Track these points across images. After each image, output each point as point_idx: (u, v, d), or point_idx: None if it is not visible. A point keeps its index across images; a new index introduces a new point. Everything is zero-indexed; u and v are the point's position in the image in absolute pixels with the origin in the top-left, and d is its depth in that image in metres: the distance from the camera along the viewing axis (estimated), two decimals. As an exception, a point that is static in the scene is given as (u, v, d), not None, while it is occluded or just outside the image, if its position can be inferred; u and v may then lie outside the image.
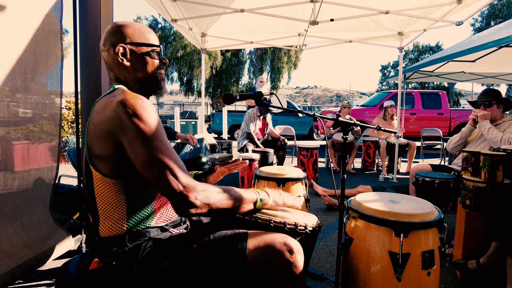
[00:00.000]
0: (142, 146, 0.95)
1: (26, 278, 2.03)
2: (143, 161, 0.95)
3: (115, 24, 1.14)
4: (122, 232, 1.08)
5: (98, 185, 1.07)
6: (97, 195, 1.08)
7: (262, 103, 1.55)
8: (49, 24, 1.77)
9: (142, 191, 1.10)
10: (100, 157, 1.03)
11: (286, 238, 1.13)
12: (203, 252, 1.09)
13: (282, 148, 4.98)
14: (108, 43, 1.13)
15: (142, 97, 1.02)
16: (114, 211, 1.07)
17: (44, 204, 1.85)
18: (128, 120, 0.95)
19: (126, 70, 1.14)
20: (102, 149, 1.02)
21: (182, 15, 4.24)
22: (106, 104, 1.01)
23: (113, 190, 1.06)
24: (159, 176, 0.95)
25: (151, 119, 0.98)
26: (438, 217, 1.44)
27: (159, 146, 0.96)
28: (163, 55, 1.21)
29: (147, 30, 1.17)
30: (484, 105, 2.77)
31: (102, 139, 1.01)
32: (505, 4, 22.55)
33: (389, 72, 38.89)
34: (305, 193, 2.44)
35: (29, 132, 1.72)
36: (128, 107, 0.96)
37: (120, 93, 1.02)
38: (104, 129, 0.99)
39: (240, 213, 1.28)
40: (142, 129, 0.95)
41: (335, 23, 4.30)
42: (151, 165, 0.95)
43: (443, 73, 6.79)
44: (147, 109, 0.98)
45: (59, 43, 1.85)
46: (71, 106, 7.06)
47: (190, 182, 0.98)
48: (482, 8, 3.71)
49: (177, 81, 23.52)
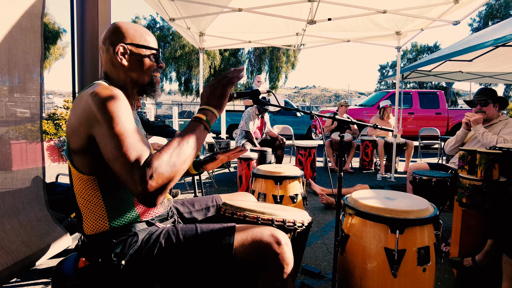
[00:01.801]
0: (110, 137, 0.92)
1: (24, 277, 2.03)
2: (110, 153, 0.91)
3: (117, 23, 1.16)
4: (106, 229, 1.08)
5: (76, 182, 1.07)
6: (76, 193, 1.08)
7: (260, 101, 1.56)
8: (27, 20, 1.71)
9: (119, 186, 1.09)
10: (76, 152, 1.03)
11: (274, 230, 1.14)
12: (190, 246, 1.10)
13: (280, 147, 4.99)
14: (108, 41, 1.14)
15: (116, 90, 1.01)
16: (94, 208, 1.07)
17: (40, 202, 1.85)
18: (98, 111, 0.94)
19: (122, 69, 1.15)
20: (76, 142, 1.01)
21: (180, 14, 4.24)
22: (80, 97, 1.01)
23: (89, 186, 1.06)
24: (120, 170, 0.90)
25: (122, 112, 0.95)
26: (434, 214, 1.45)
27: (126, 140, 0.91)
28: (161, 59, 1.23)
29: (147, 33, 1.19)
30: (480, 104, 2.78)
31: (76, 132, 1.00)
32: (503, 4, 22.60)
33: (387, 72, 38.94)
34: (302, 191, 2.45)
35: (11, 131, 1.71)
36: (100, 98, 0.95)
37: (95, 86, 1.02)
38: (78, 121, 0.99)
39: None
40: (112, 121, 0.93)
41: (332, 22, 4.31)
42: (116, 159, 0.91)
43: (441, 73, 6.81)
44: (118, 102, 0.96)
45: (39, 41, 1.81)
46: (69, 105, 7.06)
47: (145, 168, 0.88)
48: (478, 8, 3.72)
49: (175, 80, 23.48)
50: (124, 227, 1.10)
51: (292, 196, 2.35)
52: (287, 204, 2.31)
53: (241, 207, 1.37)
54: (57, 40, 22.76)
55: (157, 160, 0.90)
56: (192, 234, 1.13)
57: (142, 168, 0.88)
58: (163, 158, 0.91)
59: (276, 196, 2.32)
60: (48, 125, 6.48)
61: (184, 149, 0.96)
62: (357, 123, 1.69)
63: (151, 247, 1.09)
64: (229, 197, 1.64)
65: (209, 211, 1.53)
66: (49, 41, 21.79)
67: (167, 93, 32.05)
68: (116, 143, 0.90)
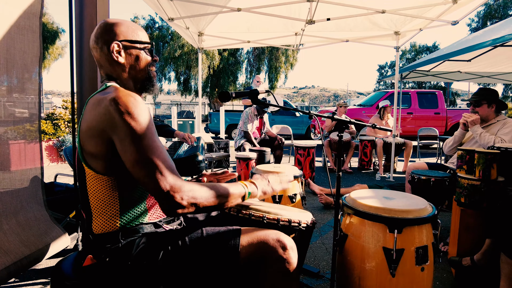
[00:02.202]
0: (132, 144, 0.94)
1: (22, 277, 2.02)
2: (132, 160, 0.95)
3: (106, 22, 1.14)
4: (116, 228, 1.08)
5: (90, 182, 1.07)
6: (89, 192, 1.08)
7: (258, 101, 1.56)
8: (25, 20, 1.71)
9: (136, 188, 1.10)
10: (93, 155, 1.03)
11: (279, 234, 1.13)
12: (196, 248, 1.10)
13: (279, 147, 5.00)
14: (101, 41, 1.13)
15: (134, 95, 1.02)
16: (107, 208, 1.07)
17: (38, 202, 1.85)
18: (119, 118, 0.95)
19: (119, 67, 1.15)
20: (94, 147, 1.02)
21: (179, 14, 4.24)
22: (98, 101, 1.01)
23: (106, 186, 1.06)
24: (146, 176, 0.94)
25: (142, 117, 0.97)
26: (432, 213, 1.45)
27: (149, 145, 0.96)
28: (154, 53, 1.24)
29: (138, 28, 1.19)
30: (473, 105, 2.78)
31: (94, 137, 1.00)
32: (501, 5, 22.65)
33: (386, 72, 38.95)
34: (301, 191, 2.45)
35: (10, 131, 1.71)
36: (120, 104, 0.96)
37: (112, 90, 1.02)
38: (96, 126, 0.99)
39: (229, 208, 1.31)
40: (133, 127, 0.95)
41: (331, 22, 4.32)
42: (139, 164, 0.94)
43: (440, 73, 6.82)
44: (139, 107, 0.98)
45: (37, 40, 1.80)
46: (68, 105, 7.04)
47: (177, 182, 0.96)
48: (477, 8, 3.73)
49: (174, 80, 23.44)
50: (133, 228, 1.10)
51: (291, 196, 2.35)
52: (285, 204, 2.31)
53: (246, 205, 1.37)
54: (55, 40, 22.71)
55: (190, 185, 0.99)
56: (198, 236, 1.13)
57: (177, 186, 0.96)
58: (195, 187, 1.01)
59: (275, 196, 2.32)
60: (46, 125, 6.47)
61: (214, 193, 1.05)
62: (356, 123, 1.70)
63: (158, 249, 1.09)
64: None
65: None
66: (47, 41, 21.73)
67: (166, 93, 32.06)
68: (144, 152, 0.95)
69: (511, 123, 2.62)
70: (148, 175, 0.94)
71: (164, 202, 0.95)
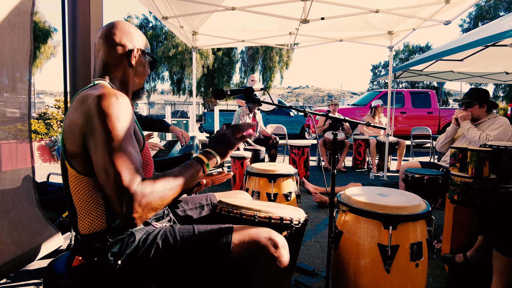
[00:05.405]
0: (102, 146, 0.90)
1: (14, 277, 2.00)
2: (101, 166, 0.90)
3: (126, 24, 1.18)
4: (103, 228, 1.06)
5: (73, 182, 1.04)
6: (73, 193, 1.05)
7: (253, 99, 1.56)
8: (16, 17, 1.67)
9: None
10: (73, 153, 1.00)
11: (271, 232, 1.13)
12: (187, 246, 1.09)
13: (274, 146, 5.00)
14: (122, 40, 1.15)
15: (121, 96, 0.99)
16: (92, 209, 1.04)
17: (31, 201, 1.82)
18: (97, 118, 0.91)
19: (127, 71, 1.18)
20: (74, 145, 0.98)
21: (173, 12, 4.22)
22: (83, 98, 0.98)
23: (88, 187, 1.03)
24: (104, 181, 0.89)
25: (120, 120, 0.93)
26: (426, 210, 1.47)
27: (121, 155, 0.90)
28: (151, 69, 1.31)
29: (147, 40, 1.27)
30: (465, 106, 2.83)
31: (74, 134, 0.97)
32: (492, 6, 22.96)
33: (380, 71, 39.23)
34: (296, 189, 2.45)
35: (1, 131, 1.69)
36: (103, 103, 0.93)
37: (99, 87, 1.01)
38: (77, 123, 0.96)
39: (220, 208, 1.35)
40: (108, 129, 0.91)
41: (326, 22, 4.34)
42: (102, 169, 0.89)
43: (432, 72, 6.88)
44: (120, 108, 0.95)
45: (28, 38, 1.77)
46: (60, 104, 6.97)
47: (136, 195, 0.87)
48: (469, 8, 3.78)
49: (168, 80, 23.36)
50: (121, 226, 1.08)
51: (286, 194, 2.36)
52: (280, 202, 2.32)
53: (237, 205, 1.36)
54: (47, 39, 22.48)
55: (150, 188, 0.90)
56: (190, 234, 1.12)
57: (133, 194, 0.86)
58: (156, 188, 0.91)
59: (270, 194, 2.33)
60: (39, 125, 6.39)
61: (178, 184, 0.97)
62: (349, 121, 1.71)
63: (148, 247, 1.07)
64: (224, 195, 1.63)
65: (204, 210, 1.52)
66: (39, 40, 21.50)
67: (160, 93, 31.82)
68: (109, 157, 0.88)
69: (500, 121, 2.67)
70: (110, 187, 0.87)
71: (121, 218, 0.88)
